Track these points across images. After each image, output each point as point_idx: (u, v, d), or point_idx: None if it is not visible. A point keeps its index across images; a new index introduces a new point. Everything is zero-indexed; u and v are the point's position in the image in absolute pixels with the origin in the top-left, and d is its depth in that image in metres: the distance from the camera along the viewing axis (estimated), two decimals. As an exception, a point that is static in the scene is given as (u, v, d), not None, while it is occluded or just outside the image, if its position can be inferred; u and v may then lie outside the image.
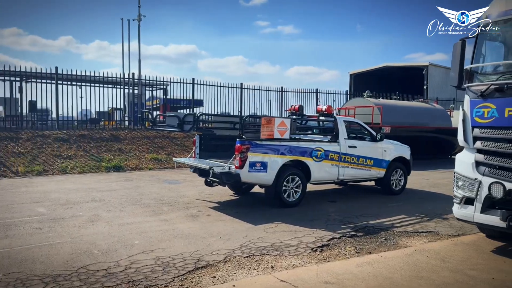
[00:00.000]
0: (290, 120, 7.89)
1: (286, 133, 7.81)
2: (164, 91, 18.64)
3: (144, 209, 7.57)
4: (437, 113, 19.18)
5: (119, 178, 11.21)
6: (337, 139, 8.66)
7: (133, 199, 8.38)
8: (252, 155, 7.42)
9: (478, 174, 5.46)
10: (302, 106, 9.54)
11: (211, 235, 6.00)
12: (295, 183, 7.98)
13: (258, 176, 7.56)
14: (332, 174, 8.58)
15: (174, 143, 15.72)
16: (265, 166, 7.57)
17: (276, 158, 7.70)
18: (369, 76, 35.23)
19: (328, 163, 8.47)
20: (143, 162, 13.61)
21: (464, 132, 5.73)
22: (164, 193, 9.08)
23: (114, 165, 12.77)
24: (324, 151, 8.36)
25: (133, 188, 9.71)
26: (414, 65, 33.70)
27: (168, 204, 7.97)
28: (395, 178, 9.67)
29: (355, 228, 6.64)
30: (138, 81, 16.91)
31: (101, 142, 14.24)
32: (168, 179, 11.15)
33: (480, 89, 5.50)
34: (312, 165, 8.17)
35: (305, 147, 8.09)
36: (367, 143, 9.27)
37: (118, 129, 15.63)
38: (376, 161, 9.24)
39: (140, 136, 15.30)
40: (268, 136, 7.59)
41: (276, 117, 7.76)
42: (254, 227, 6.49)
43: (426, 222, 7.22)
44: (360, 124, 9.50)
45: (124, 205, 7.84)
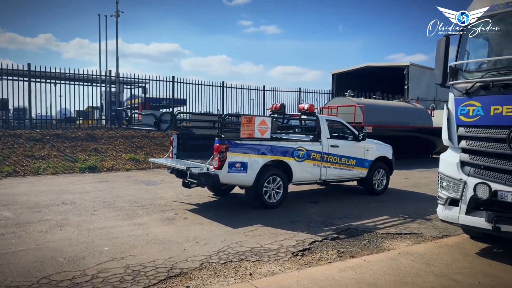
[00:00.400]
0: (271, 119, 7.64)
1: (267, 132, 7.56)
2: (143, 90, 18.16)
3: (117, 212, 7.20)
4: (418, 113, 19.25)
5: (93, 179, 10.76)
6: (319, 138, 8.45)
7: (106, 202, 7.99)
8: (232, 155, 7.14)
9: (463, 174, 5.31)
10: (284, 105, 9.30)
11: (187, 239, 5.69)
12: (276, 184, 7.74)
13: (237, 177, 7.28)
14: (314, 174, 8.36)
15: (153, 142, 15.29)
16: (245, 167, 7.29)
17: (256, 158, 7.43)
18: (351, 75, 35.40)
19: (310, 163, 8.24)
20: (120, 163, 13.16)
21: (448, 131, 5.58)
22: (140, 195, 8.71)
23: (89, 165, 12.28)
24: (306, 151, 8.13)
25: (108, 190, 9.30)
26: (395, 65, 33.95)
27: (143, 207, 7.61)
28: (378, 178, 9.52)
29: (337, 230, 6.42)
30: (116, 79, 16.38)
31: (76, 141, 13.71)
32: (145, 180, 10.76)
33: (465, 87, 5.35)
34: (293, 165, 7.93)
35: (286, 147, 7.85)
36: (350, 143, 9.09)
37: (95, 128, 15.10)
38: (359, 161, 9.07)
39: (117, 135, 14.81)
40: (249, 136, 7.32)
41: (256, 116, 7.50)
42: (233, 231, 6.20)
43: (409, 223, 7.06)
44: (342, 123, 9.32)
45: (96, 209, 7.45)
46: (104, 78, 16.24)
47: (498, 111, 4.96)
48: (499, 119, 4.93)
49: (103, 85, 16.69)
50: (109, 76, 15.99)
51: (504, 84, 4.90)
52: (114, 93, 17.70)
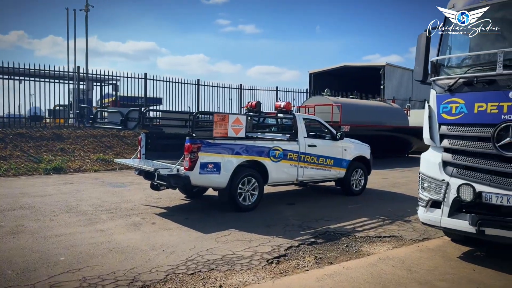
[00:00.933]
0: (246, 117, 7.26)
1: (241, 131, 7.17)
2: (115, 87, 17.45)
3: (79, 217, 6.66)
4: (395, 112, 19.26)
5: (57, 181, 10.11)
6: (296, 137, 8.12)
7: (68, 206, 7.42)
8: (204, 155, 6.72)
9: (445, 175, 5.06)
10: (260, 103, 8.93)
11: (153, 247, 5.24)
12: (251, 185, 7.36)
13: (210, 178, 6.86)
14: (291, 175, 8.03)
15: (123, 142, 14.65)
16: (218, 167, 6.88)
17: (230, 158, 7.03)
18: (328, 75, 35.49)
19: (287, 163, 7.90)
20: (88, 163, 12.49)
21: (430, 130, 5.32)
22: (106, 198, 8.17)
23: (55, 166, 11.58)
24: (283, 151, 7.79)
25: (72, 192, 8.71)
26: (371, 65, 34.19)
27: (108, 211, 7.09)
28: (356, 178, 9.28)
29: (314, 234, 6.10)
30: (85, 76, 15.64)
31: (41, 141, 12.96)
32: (113, 182, 10.18)
33: (447, 83, 5.11)
34: (269, 165, 7.57)
35: (262, 146, 7.48)
36: (327, 142, 8.80)
37: (62, 127, 14.34)
38: (337, 160, 8.80)
39: (85, 134, 14.11)
40: (222, 135, 6.92)
41: (230, 114, 7.10)
42: (204, 236, 5.79)
43: (389, 225, 6.81)
44: (320, 122, 9.02)
45: (56, 213, 6.89)
46: (73, 75, 15.44)
47: (483, 108, 4.73)
48: (484, 116, 4.70)
49: (71, 82, 15.91)
50: (77, 72, 15.23)
51: (489, 80, 4.67)
52: (83, 91, 16.95)
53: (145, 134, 7.86)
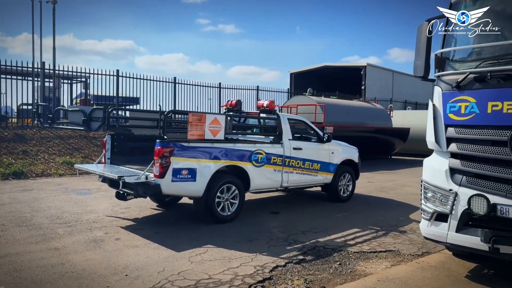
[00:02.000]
0: (225, 117, 6.50)
1: (220, 132, 6.40)
2: (85, 85, 16.35)
3: (32, 232, 5.75)
4: (378, 113, 18.84)
5: (15, 188, 9.09)
6: (280, 140, 7.41)
7: (21, 218, 6.49)
8: (177, 160, 5.92)
9: (453, 184, 4.43)
10: (240, 101, 8.18)
11: (114, 271, 4.42)
12: (231, 194, 6.60)
13: (184, 187, 6.06)
14: (274, 181, 7.30)
15: (93, 144, 13.63)
16: (193, 174, 6.09)
17: (207, 164, 6.26)
18: (309, 75, 35.09)
19: (270, 168, 7.18)
20: (52, 167, 11.45)
21: (435, 132, 4.68)
22: (67, 208, 7.25)
23: (14, 170, 10.52)
24: (266, 154, 7.06)
25: (28, 201, 7.74)
26: (352, 65, 33.93)
27: (66, 224, 6.19)
28: (343, 184, 8.63)
29: (302, 250, 5.38)
30: (52, 72, 14.51)
31: (1, 143, 11.83)
32: (78, 188, 9.23)
33: (455, 79, 4.47)
34: (251, 171, 6.83)
35: (243, 150, 6.73)
36: (314, 145, 8.13)
37: (25, 127, 13.22)
38: (323, 164, 8.12)
39: (51, 136, 13.03)
40: (198, 137, 6.14)
41: (207, 113, 6.32)
42: (176, 255, 4.99)
43: (383, 237, 6.17)
44: (305, 123, 8.33)
45: (5, 227, 5.95)
46: (38, 71, 14.29)
47: (497, 108, 4.11)
48: (498, 117, 4.08)
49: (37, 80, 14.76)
50: (42, 68, 14.09)
51: (506, 75, 4.04)
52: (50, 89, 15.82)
53: (111, 136, 6.99)
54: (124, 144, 7.11)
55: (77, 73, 14.28)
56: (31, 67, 13.88)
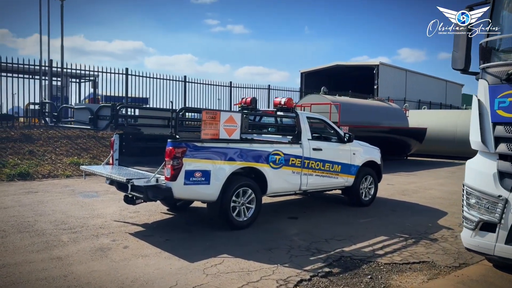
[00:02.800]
0: (241, 115, 6.02)
1: (235, 132, 5.94)
2: (93, 84, 16.00)
3: (34, 239, 5.33)
4: (394, 112, 18.23)
5: (19, 190, 8.72)
6: (299, 140, 6.92)
7: (23, 223, 6.08)
8: (190, 161, 5.46)
9: (503, 189, 3.92)
10: (255, 99, 7.70)
11: (121, 285, 3.97)
12: (247, 198, 6.13)
13: (197, 190, 5.61)
14: (293, 184, 6.82)
15: (101, 144, 13.25)
16: (207, 176, 5.63)
17: (222, 165, 5.79)
18: (320, 74, 34.58)
19: (289, 170, 6.69)
20: (59, 168, 11.08)
21: (481, 131, 4.16)
22: (73, 212, 6.84)
23: (20, 171, 10.16)
24: (284, 155, 6.57)
25: (33, 204, 7.34)
26: (365, 64, 33.30)
27: (71, 230, 5.77)
28: (365, 187, 8.10)
29: (328, 261, 4.89)
30: (60, 71, 14.19)
31: (8, 143, 11.51)
32: (85, 190, 8.83)
33: (504, 71, 3.96)
34: (269, 173, 6.36)
35: (260, 151, 6.26)
36: (334, 145, 7.62)
37: (32, 127, 12.89)
38: (344, 166, 7.61)
39: (59, 135, 12.68)
40: (212, 136, 5.68)
41: (222, 111, 5.86)
42: (190, 266, 4.53)
43: (414, 246, 5.65)
44: (325, 122, 7.83)
45: (6, 234, 5.54)
46: (45, 69, 13.97)
47: (558, 103, 3.60)
48: None
49: (45, 78, 14.45)
50: (49, 66, 13.76)
51: None
52: (58, 88, 15.52)
53: (119, 136, 6.57)
54: (133, 144, 6.68)
55: (86, 71, 13.94)
56: (38, 65, 13.57)
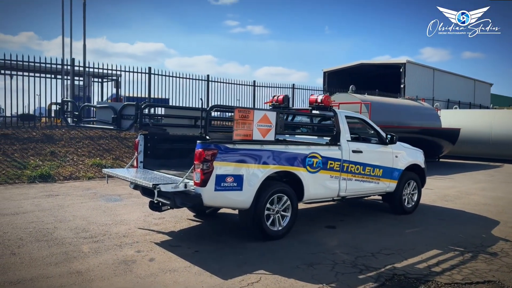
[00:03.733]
0: (276, 114, 5.46)
1: (270, 132, 5.38)
2: (116, 83, 15.73)
3: (52, 249, 4.89)
4: (426, 112, 17.37)
5: (40, 193, 8.38)
6: (338, 141, 6.31)
7: (42, 230, 5.66)
8: (221, 165, 4.93)
9: None
10: (288, 97, 7.13)
11: (148, 308, 3.46)
12: (282, 205, 5.56)
13: (229, 197, 5.07)
14: (331, 189, 6.22)
15: (124, 144, 12.90)
16: (239, 181, 5.09)
17: (256, 169, 5.24)
18: (344, 74, 33.74)
19: (327, 174, 6.09)
20: (81, 170, 10.75)
21: None
22: (94, 218, 6.40)
23: (42, 173, 9.86)
24: (322, 158, 5.98)
25: (53, 209, 6.95)
26: (391, 63, 32.30)
27: (92, 239, 5.31)
28: (407, 192, 7.42)
29: (380, 280, 4.28)
30: (83, 70, 13.92)
31: (29, 143, 11.26)
32: (107, 194, 8.42)
33: None
34: (305, 177, 5.77)
35: (296, 153, 5.68)
36: (375, 147, 6.98)
37: (54, 127, 12.64)
38: (386, 170, 6.96)
39: (81, 136, 12.38)
40: (245, 137, 5.13)
41: (256, 109, 5.31)
42: (224, 285, 4.00)
43: (472, 261, 4.97)
44: (365, 122, 7.20)
45: (23, 242, 5.13)
46: (67, 69, 13.74)
47: None
48: None
49: (67, 78, 14.22)
50: (71, 65, 13.51)
51: None
52: (81, 87, 15.28)
53: (144, 136, 6.10)
54: (158, 146, 6.21)
55: (108, 70, 13.64)
56: (60, 63, 13.32)
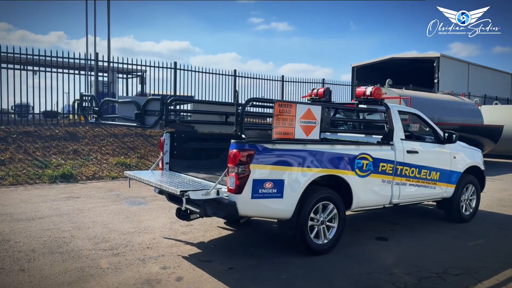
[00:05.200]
0: (322, 108, 4.69)
1: (314, 130, 4.62)
2: (141, 79, 15.27)
3: (67, 264, 4.28)
4: (467, 108, 16.14)
5: (60, 194, 7.87)
6: (390, 140, 5.50)
7: (57, 240, 5.08)
8: (258, 168, 4.22)
9: None
10: (330, 89, 6.33)
11: None
12: (327, 214, 4.80)
13: (268, 205, 4.35)
14: (383, 196, 5.41)
15: (149, 142, 12.37)
16: (280, 187, 4.36)
17: (298, 173, 4.50)
18: (373, 68, 32.54)
19: (378, 178, 5.29)
20: (105, 169, 10.25)
21: None
22: (116, 225, 5.80)
23: (63, 173, 9.39)
24: (372, 160, 5.18)
25: (72, 214, 6.40)
26: (423, 57, 30.81)
27: (113, 252, 4.68)
28: (465, 198, 6.52)
29: (457, 312, 3.47)
30: (107, 65, 13.52)
31: (51, 141, 10.85)
32: (131, 196, 7.83)
33: None
34: (354, 182, 4.99)
35: (344, 154, 4.91)
36: (431, 146, 6.13)
37: (77, 124, 12.22)
38: (443, 173, 6.09)
39: (105, 133, 11.92)
40: (285, 136, 4.39)
41: (298, 103, 4.55)
42: (267, 317, 3.28)
43: None
44: (420, 117, 6.34)
45: (34, 255, 4.54)
46: (91, 64, 13.33)
47: None
48: None
49: (91, 74, 13.85)
50: (95, 60, 13.07)
51: None
52: (105, 83, 14.93)
53: (170, 135, 5.43)
54: (186, 145, 5.53)
55: (133, 65, 13.16)
56: (83, 58, 12.92)
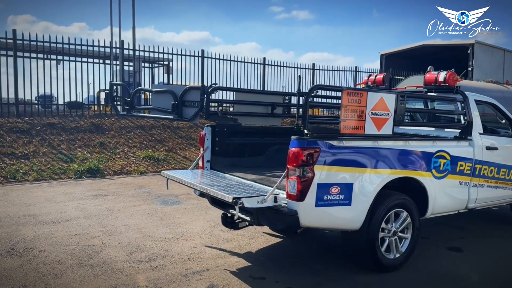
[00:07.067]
0: (396, 97, 3.92)
1: (387, 123, 3.86)
2: (167, 68, 14.66)
3: (98, 282, 3.66)
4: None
5: (87, 191, 7.33)
6: (469, 134, 4.68)
7: (87, 248, 4.48)
8: (324, 170, 3.49)
9: None
10: (390, 76, 5.53)
11: None
12: (400, 223, 4.05)
13: (334, 214, 3.62)
14: (459, 200, 4.62)
15: (177, 135, 11.77)
16: (347, 193, 3.62)
17: (370, 176, 3.75)
18: (403, 56, 31.17)
19: (455, 179, 4.50)
20: (133, 163, 9.70)
21: None
22: (150, 229, 5.18)
23: (89, 167, 8.88)
24: (450, 158, 4.39)
25: (101, 215, 5.81)
26: (457, 44, 29.20)
27: (150, 264, 4.04)
28: (546, 201, 5.65)
29: None
30: (132, 54, 12.92)
31: (76, 133, 10.36)
32: (163, 194, 7.22)
33: None
34: (431, 185, 4.22)
35: (419, 152, 4.13)
36: (508, 141, 5.28)
37: (103, 116, 11.72)
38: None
39: (131, 125, 11.36)
40: (355, 130, 3.65)
41: (369, 90, 3.79)
42: None
43: None
44: (497, 108, 5.50)
45: (61, 269, 3.95)
46: (116, 53, 12.76)
47: None
48: None
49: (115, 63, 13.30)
50: (121, 48, 12.49)
51: None
52: (131, 73, 14.38)
53: (212, 128, 4.74)
54: (228, 140, 4.83)
55: (159, 53, 12.52)
56: (108, 46, 12.34)
